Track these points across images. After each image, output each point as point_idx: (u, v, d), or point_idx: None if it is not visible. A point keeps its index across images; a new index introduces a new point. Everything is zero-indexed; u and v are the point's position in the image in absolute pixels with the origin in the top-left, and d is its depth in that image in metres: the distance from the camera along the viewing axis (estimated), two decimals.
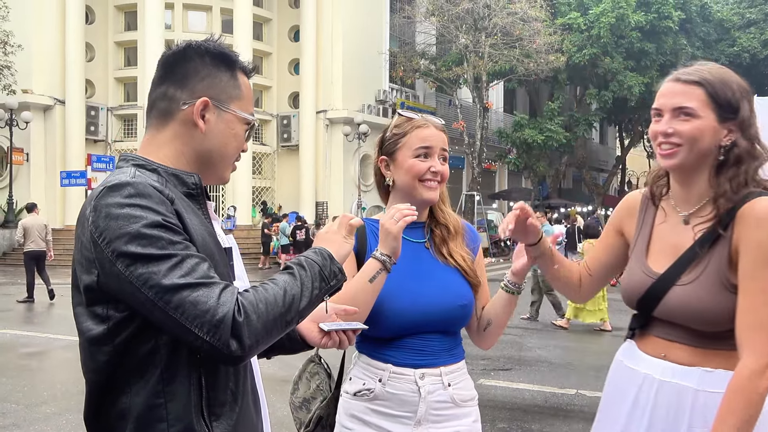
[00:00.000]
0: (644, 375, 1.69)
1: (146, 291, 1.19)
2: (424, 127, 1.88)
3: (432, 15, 26.80)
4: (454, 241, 1.93)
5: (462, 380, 1.89)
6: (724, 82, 1.62)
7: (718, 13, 33.34)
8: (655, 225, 1.76)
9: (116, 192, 1.24)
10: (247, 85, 1.46)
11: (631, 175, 46.32)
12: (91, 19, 25.00)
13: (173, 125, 1.40)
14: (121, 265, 1.20)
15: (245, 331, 1.19)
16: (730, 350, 1.56)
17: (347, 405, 1.87)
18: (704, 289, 1.58)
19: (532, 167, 30.58)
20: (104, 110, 25.06)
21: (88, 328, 1.29)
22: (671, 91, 1.63)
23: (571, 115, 30.83)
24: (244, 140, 1.46)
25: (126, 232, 1.20)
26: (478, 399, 1.97)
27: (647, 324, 1.73)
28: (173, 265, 1.19)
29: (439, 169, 1.87)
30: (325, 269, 1.35)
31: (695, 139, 1.58)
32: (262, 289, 1.26)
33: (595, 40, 27.21)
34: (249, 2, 24.25)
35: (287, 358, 1.84)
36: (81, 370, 1.36)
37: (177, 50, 1.41)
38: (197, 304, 1.17)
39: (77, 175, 18.80)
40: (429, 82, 29.67)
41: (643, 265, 1.73)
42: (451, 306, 1.85)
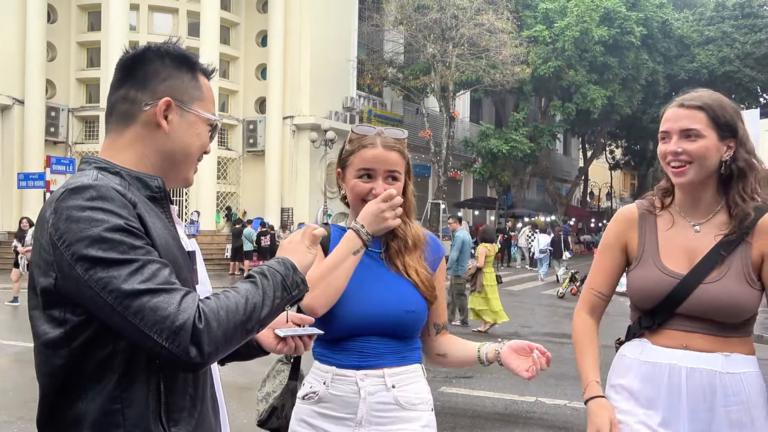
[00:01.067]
0: (669, 365, 1.83)
1: (105, 296, 1.17)
2: (370, 147, 1.85)
3: (400, 24, 26.94)
4: (411, 255, 1.92)
5: (411, 383, 1.87)
6: (722, 105, 1.85)
7: (679, 29, 34.26)
8: (660, 231, 1.92)
9: (78, 194, 1.22)
10: (208, 86, 1.47)
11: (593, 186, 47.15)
12: (53, 18, 24.49)
13: (135, 127, 1.39)
14: (80, 268, 1.18)
15: (205, 339, 1.18)
16: (743, 336, 1.84)
17: (297, 410, 1.89)
18: (733, 284, 1.79)
19: (497, 177, 30.90)
20: (65, 111, 24.55)
21: (45, 332, 1.27)
22: (677, 115, 1.85)
23: (535, 126, 31.26)
24: (208, 141, 1.47)
25: (87, 236, 1.18)
26: (440, 406, 1.98)
27: (664, 321, 1.87)
28: (134, 270, 1.18)
29: (379, 191, 1.83)
30: (288, 279, 1.35)
31: (703, 157, 1.81)
32: (223, 297, 1.25)
33: (559, 52, 27.68)
34: (216, 6, 24.05)
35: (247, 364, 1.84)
36: (34, 377, 1.33)
37: (136, 53, 1.41)
38: (157, 310, 1.16)
39: (35, 177, 18.36)
40: (396, 91, 29.80)
41: (662, 267, 1.87)
42: (397, 310, 1.84)
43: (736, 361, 1.81)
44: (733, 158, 1.83)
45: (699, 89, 1.92)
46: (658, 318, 1.87)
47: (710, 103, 1.84)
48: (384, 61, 29.02)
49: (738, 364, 1.81)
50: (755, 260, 1.80)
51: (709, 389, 1.80)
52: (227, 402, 1.58)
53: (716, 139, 1.82)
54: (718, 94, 1.90)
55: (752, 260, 1.80)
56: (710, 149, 1.81)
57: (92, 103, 24.99)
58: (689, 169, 1.82)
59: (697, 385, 1.80)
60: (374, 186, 1.85)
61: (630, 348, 1.95)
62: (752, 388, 1.81)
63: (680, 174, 1.84)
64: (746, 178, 1.84)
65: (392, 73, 28.98)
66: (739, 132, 1.85)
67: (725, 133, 1.83)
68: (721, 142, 1.83)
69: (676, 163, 1.83)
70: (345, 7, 27.80)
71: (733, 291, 1.78)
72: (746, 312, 1.81)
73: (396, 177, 1.88)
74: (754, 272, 1.80)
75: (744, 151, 1.84)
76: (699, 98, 1.86)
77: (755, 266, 1.80)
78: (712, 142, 1.82)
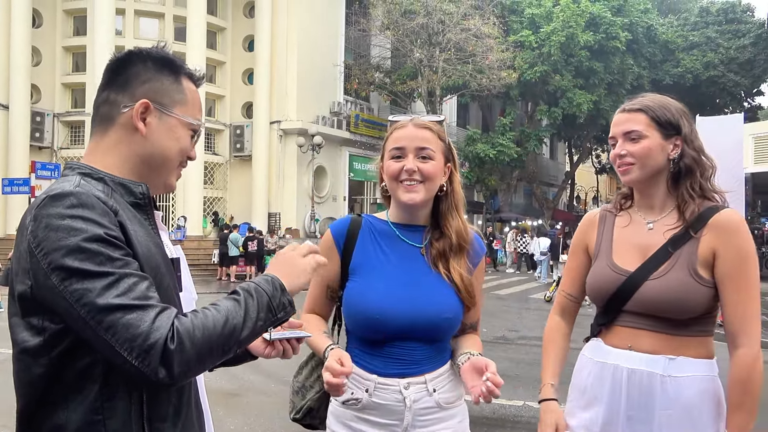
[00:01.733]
0: (613, 366, 1.85)
1: (79, 308, 1.15)
2: (400, 128, 1.85)
3: (387, 29, 27.00)
4: (455, 257, 1.87)
5: (447, 383, 1.87)
6: (662, 105, 1.89)
7: (664, 35, 34.59)
8: (616, 228, 1.96)
9: (58, 202, 1.21)
10: (192, 90, 1.45)
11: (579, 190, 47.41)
12: (38, 22, 24.31)
13: (115, 129, 1.38)
14: (56, 278, 1.17)
15: (176, 359, 1.16)
16: (694, 337, 1.81)
17: (337, 412, 1.89)
18: (675, 280, 1.79)
19: (484, 181, 30.99)
20: (50, 116, 24.37)
21: (23, 340, 1.25)
22: (620, 120, 1.92)
23: (522, 131, 31.40)
24: (190, 146, 1.44)
25: (64, 245, 1.17)
26: None
27: (614, 318, 1.89)
28: (109, 283, 1.16)
29: (411, 167, 1.80)
30: (274, 300, 1.31)
31: (646, 156, 1.85)
32: (202, 315, 1.22)
33: (545, 57, 27.84)
34: (203, 10, 23.99)
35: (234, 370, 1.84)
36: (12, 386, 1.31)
37: (120, 56, 1.41)
38: (129, 327, 1.14)
39: (20, 182, 18.16)
40: (383, 95, 29.83)
41: (612, 264, 1.90)
42: (437, 318, 1.82)
43: (682, 364, 1.78)
44: (681, 156, 1.87)
45: (645, 94, 1.97)
46: (609, 315, 1.90)
47: (650, 105, 1.88)
48: (371, 66, 29.06)
49: (683, 368, 1.78)
50: (705, 256, 1.79)
51: (647, 392, 1.79)
52: (213, 408, 1.57)
53: (660, 138, 1.86)
54: (662, 96, 1.95)
55: (701, 256, 1.79)
56: (653, 149, 1.85)
57: (77, 108, 24.82)
58: (632, 168, 1.87)
59: (636, 387, 1.80)
60: (405, 163, 1.81)
61: (587, 347, 1.99)
62: (696, 393, 1.76)
63: (624, 173, 1.90)
64: (693, 175, 1.86)
65: (379, 77, 29.02)
66: (683, 130, 1.87)
67: (669, 131, 1.87)
68: (666, 141, 1.86)
69: (623, 165, 1.89)
70: (332, 12, 27.83)
71: (676, 286, 1.78)
72: (692, 308, 1.78)
73: (429, 156, 1.82)
74: (702, 268, 1.79)
75: (690, 148, 1.87)
76: (640, 102, 1.91)
77: (704, 262, 1.79)
78: (656, 141, 1.85)
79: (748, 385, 1.74)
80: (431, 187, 1.84)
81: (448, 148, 1.90)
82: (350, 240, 1.89)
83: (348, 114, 28.42)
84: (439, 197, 1.89)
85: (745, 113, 26.20)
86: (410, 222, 1.91)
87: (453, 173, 1.91)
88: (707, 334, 1.84)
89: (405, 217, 1.91)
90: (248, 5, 26.68)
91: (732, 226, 1.79)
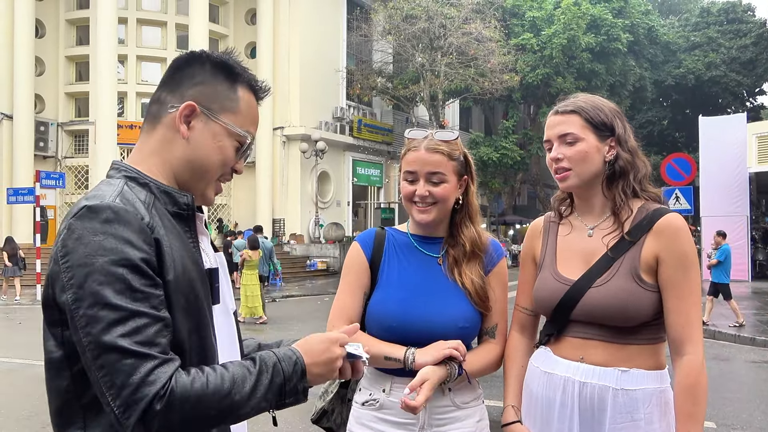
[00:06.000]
0: (564, 378, 1.79)
1: (83, 334, 1.11)
2: (413, 150, 1.88)
3: (388, 34, 27.06)
4: (468, 263, 1.91)
5: (463, 383, 1.89)
6: (595, 106, 1.83)
7: (665, 36, 34.59)
8: (559, 237, 1.91)
9: (95, 215, 1.15)
10: (249, 101, 1.38)
11: None
12: (41, 32, 24.46)
13: (160, 129, 1.33)
14: (71, 295, 1.13)
15: (157, 422, 1.09)
16: (642, 345, 1.75)
17: (357, 413, 1.94)
18: (618, 287, 1.73)
19: (488, 184, 30.99)
20: (54, 126, 24.48)
21: (49, 349, 1.22)
22: (553, 122, 1.85)
23: (525, 133, 31.41)
24: (235, 158, 1.36)
25: (90, 263, 1.12)
26: None
27: (563, 328, 1.83)
28: (118, 319, 1.10)
29: (422, 192, 1.86)
30: (289, 384, 1.22)
31: (582, 160, 1.79)
32: (204, 379, 1.14)
33: (547, 60, 27.86)
34: (205, 18, 24.10)
35: None
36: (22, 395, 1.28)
37: (183, 55, 1.36)
38: (120, 374, 1.08)
39: (25, 192, 18.21)
40: (386, 100, 29.88)
41: (555, 274, 1.85)
42: (453, 327, 1.85)
43: (635, 376, 1.73)
44: (615, 158, 1.81)
45: (577, 94, 1.92)
46: (556, 325, 1.84)
47: (583, 106, 1.82)
48: (373, 71, 29.12)
49: (636, 380, 1.73)
50: (648, 261, 1.73)
51: (599, 405, 1.73)
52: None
53: (595, 140, 1.80)
54: (594, 96, 1.89)
55: (643, 261, 1.74)
56: (590, 152, 1.79)
57: (81, 117, 24.93)
58: (570, 174, 1.81)
59: (587, 400, 1.74)
60: (416, 188, 1.87)
61: (536, 356, 1.92)
62: (649, 406, 1.72)
63: (562, 180, 1.83)
64: (626, 178, 1.81)
65: (381, 82, 29.08)
66: (617, 130, 1.81)
67: (604, 132, 1.81)
68: (602, 142, 1.80)
69: (560, 170, 1.82)
70: (333, 18, 27.91)
71: (618, 293, 1.72)
72: (638, 314, 1.72)
73: (440, 179, 1.86)
74: (645, 272, 1.73)
75: (624, 150, 1.81)
76: (573, 103, 1.85)
77: (647, 267, 1.73)
78: (592, 143, 1.79)
79: (697, 390, 1.68)
80: (444, 207, 1.90)
81: (462, 164, 1.93)
82: (377, 252, 1.95)
83: (351, 119, 28.47)
84: (455, 209, 1.95)
85: (747, 113, 26.19)
86: (428, 234, 1.97)
87: (469, 185, 1.95)
88: (658, 341, 1.78)
89: (422, 229, 1.97)
90: (250, 12, 26.79)
91: (674, 231, 1.73)
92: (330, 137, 25.78)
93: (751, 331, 10.51)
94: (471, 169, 1.96)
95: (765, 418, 5.92)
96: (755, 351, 9.37)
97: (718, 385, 7.04)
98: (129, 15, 24.67)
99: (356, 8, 28.61)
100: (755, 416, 5.98)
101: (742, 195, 19.40)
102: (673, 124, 40.62)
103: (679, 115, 39.87)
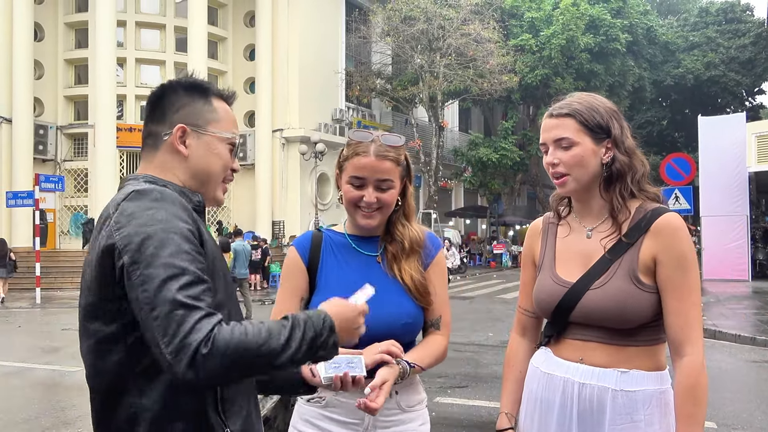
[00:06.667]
0: (564, 379, 1.79)
1: (140, 291, 1.25)
2: (362, 156, 1.87)
3: (387, 35, 27.09)
4: (407, 259, 1.93)
5: (410, 385, 1.92)
6: (591, 107, 1.81)
7: (664, 36, 34.61)
8: (558, 238, 1.90)
9: (144, 196, 1.34)
10: (224, 108, 1.56)
11: None
12: (40, 36, 24.45)
13: (159, 155, 1.50)
14: (128, 258, 1.27)
15: (204, 364, 1.21)
16: (642, 346, 1.75)
17: (301, 410, 1.92)
18: (616, 288, 1.72)
19: (488, 185, 31.01)
20: (53, 129, 24.47)
21: (96, 330, 1.36)
22: (548, 125, 1.84)
23: (524, 134, 31.42)
24: (231, 158, 1.56)
25: (143, 231, 1.28)
26: (435, 417, 1.98)
27: (562, 330, 1.83)
28: (171, 275, 1.25)
29: (370, 200, 1.86)
30: (320, 338, 1.33)
31: (578, 165, 1.78)
32: (243, 329, 1.26)
33: (546, 61, 27.88)
34: (203, 21, 24.10)
35: None
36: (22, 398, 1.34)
37: (155, 91, 1.54)
38: (172, 323, 1.22)
39: (24, 195, 18.21)
40: (385, 101, 29.91)
41: (554, 276, 1.84)
42: (396, 324, 1.87)
43: (634, 378, 1.73)
44: (612, 160, 1.78)
45: (573, 93, 1.89)
46: (556, 327, 1.84)
47: (579, 108, 1.80)
48: (372, 73, 29.14)
49: (636, 382, 1.72)
50: (646, 262, 1.72)
51: (598, 407, 1.73)
52: None
53: (591, 143, 1.78)
54: (591, 96, 1.86)
55: (641, 262, 1.73)
56: (585, 156, 1.77)
57: (80, 120, 24.93)
58: (568, 180, 1.79)
59: (586, 401, 1.74)
60: (364, 194, 1.87)
61: (536, 356, 1.92)
62: (649, 408, 1.72)
63: (561, 185, 1.82)
64: (624, 180, 1.79)
65: (380, 84, 29.10)
66: (613, 132, 1.79)
67: (600, 135, 1.78)
68: (598, 145, 1.78)
69: (557, 175, 1.81)
70: (332, 20, 27.92)
71: (616, 295, 1.71)
72: (636, 316, 1.72)
73: (389, 185, 1.89)
74: (643, 274, 1.72)
75: (621, 151, 1.79)
76: (568, 105, 1.82)
77: (645, 268, 1.72)
78: (588, 147, 1.77)
79: (697, 391, 1.67)
80: (387, 212, 1.92)
81: (405, 168, 1.95)
82: (314, 255, 1.95)
83: (350, 121, 28.48)
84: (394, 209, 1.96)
85: (746, 112, 26.19)
86: (365, 234, 1.98)
87: (407, 186, 1.97)
88: (658, 342, 1.77)
89: (360, 230, 1.98)
90: (248, 15, 26.80)
91: (671, 231, 1.72)
92: (329, 139, 25.78)
93: (751, 330, 10.50)
94: (410, 171, 1.98)
95: (765, 418, 5.91)
96: (755, 351, 9.36)
97: (718, 385, 7.03)
98: (128, 18, 24.67)
99: (355, 10, 28.63)
100: (755, 416, 5.97)
101: (742, 194, 19.39)
102: (672, 124, 40.63)
103: (678, 115, 39.88)
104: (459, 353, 8.98)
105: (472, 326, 11.82)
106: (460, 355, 8.83)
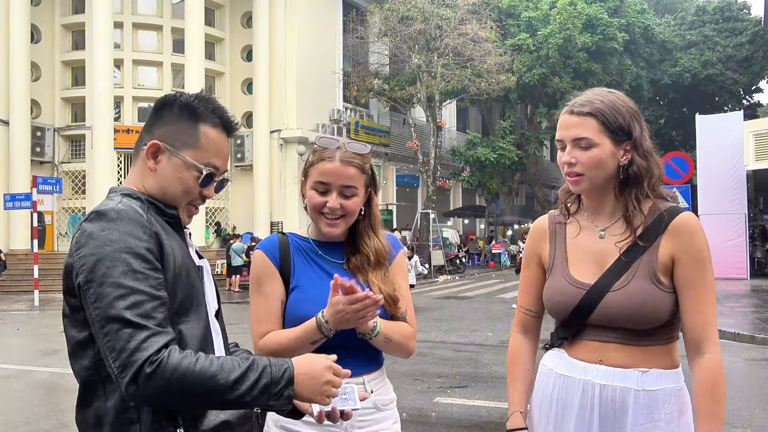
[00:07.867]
0: (583, 381, 1.77)
1: (92, 309, 1.33)
2: (328, 161, 1.87)
3: (384, 35, 27.07)
4: (374, 271, 1.93)
5: (383, 385, 1.95)
6: (614, 108, 1.76)
7: (661, 34, 34.62)
8: (568, 238, 1.87)
9: (102, 216, 1.40)
10: (213, 137, 1.55)
11: None
12: (36, 38, 24.40)
13: (138, 163, 1.57)
14: (83, 278, 1.36)
15: (144, 384, 1.28)
16: (659, 345, 1.75)
17: (275, 415, 1.88)
18: (638, 289, 1.71)
19: (486, 185, 31.01)
20: (51, 131, 24.43)
21: (72, 336, 1.44)
22: (568, 123, 1.78)
23: (522, 134, 31.43)
24: (195, 186, 1.54)
25: (97, 252, 1.35)
26: (435, 417, 1.98)
27: (578, 331, 1.81)
28: (121, 295, 1.32)
29: (334, 205, 1.86)
30: (274, 387, 1.35)
31: (596, 166, 1.75)
32: (194, 359, 1.31)
33: (543, 60, 27.89)
34: (201, 22, 24.07)
35: None
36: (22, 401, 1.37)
37: (158, 100, 1.59)
38: (119, 340, 1.30)
39: (22, 197, 18.17)
40: (383, 102, 29.89)
41: (569, 278, 1.81)
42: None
43: (654, 377, 1.73)
44: (630, 163, 1.76)
45: (593, 89, 1.84)
46: (572, 329, 1.82)
47: (601, 108, 1.75)
48: (370, 73, 29.12)
49: (656, 381, 1.73)
50: (664, 262, 1.72)
51: (621, 407, 1.72)
52: None
53: (611, 144, 1.74)
54: (613, 94, 1.81)
55: (660, 262, 1.72)
56: (604, 157, 1.74)
57: (78, 122, 24.89)
58: (583, 179, 1.77)
59: (608, 402, 1.73)
60: (328, 200, 1.87)
61: (549, 358, 1.90)
62: (669, 406, 1.72)
63: (575, 184, 1.79)
64: (640, 184, 1.76)
65: (378, 84, 29.08)
66: (634, 134, 1.76)
67: (620, 137, 1.75)
68: (617, 147, 1.75)
69: (572, 174, 1.78)
70: (329, 20, 27.91)
71: (638, 296, 1.70)
72: (657, 316, 1.71)
73: (353, 192, 1.88)
74: (662, 274, 1.72)
75: (639, 155, 1.76)
76: (590, 103, 1.77)
77: (663, 268, 1.72)
78: (607, 149, 1.74)
79: (718, 390, 1.68)
80: (351, 220, 1.92)
81: (370, 176, 1.94)
82: (284, 257, 1.94)
83: (348, 121, 28.46)
84: (357, 218, 1.95)
85: (744, 111, 26.22)
86: (329, 240, 1.98)
87: (372, 196, 1.97)
88: (673, 340, 1.78)
89: (324, 236, 1.97)
90: (246, 16, 26.77)
91: (690, 230, 1.73)
92: None
93: (750, 329, 10.51)
94: (375, 181, 1.98)
95: (766, 416, 5.91)
96: (755, 349, 9.37)
97: None
98: (125, 19, 24.63)
99: (352, 10, 28.62)
100: (756, 414, 5.97)
101: (740, 193, 19.41)
102: (670, 123, 40.67)
103: (675, 113, 39.93)
104: (458, 353, 8.98)
105: (472, 326, 11.82)
106: (459, 355, 8.82)
